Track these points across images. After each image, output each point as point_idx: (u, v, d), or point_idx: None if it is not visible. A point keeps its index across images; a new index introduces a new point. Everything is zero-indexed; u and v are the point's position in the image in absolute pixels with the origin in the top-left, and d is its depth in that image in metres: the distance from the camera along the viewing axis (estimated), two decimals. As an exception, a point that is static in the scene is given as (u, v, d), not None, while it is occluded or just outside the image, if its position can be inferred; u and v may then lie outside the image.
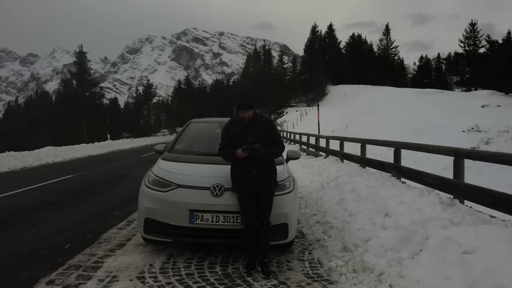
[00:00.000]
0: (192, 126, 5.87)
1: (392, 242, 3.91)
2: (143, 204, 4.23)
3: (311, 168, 10.26)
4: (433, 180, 5.12)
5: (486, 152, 4.32)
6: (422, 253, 3.42)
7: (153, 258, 4.15)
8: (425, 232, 3.73)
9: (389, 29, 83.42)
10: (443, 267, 3.06)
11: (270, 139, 3.97)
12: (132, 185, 9.26)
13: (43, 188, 9.31)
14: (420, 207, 4.47)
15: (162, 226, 4.07)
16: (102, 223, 5.73)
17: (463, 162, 4.63)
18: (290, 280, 3.67)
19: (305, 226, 5.63)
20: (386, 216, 4.64)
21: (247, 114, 3.88)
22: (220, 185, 4.02)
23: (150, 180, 4.34)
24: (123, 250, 4.45)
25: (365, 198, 5.65)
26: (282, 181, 4.20)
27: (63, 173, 11.87)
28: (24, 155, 15.82)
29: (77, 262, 4.04)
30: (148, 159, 17.24)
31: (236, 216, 3.97)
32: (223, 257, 4.25)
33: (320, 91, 72.24)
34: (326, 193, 6.99)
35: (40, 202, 7.53)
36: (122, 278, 3.63)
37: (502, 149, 30.65)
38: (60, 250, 4.46)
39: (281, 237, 4.16)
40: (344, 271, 3.80)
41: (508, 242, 3.06)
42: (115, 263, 4.02)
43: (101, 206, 7.07)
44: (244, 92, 4.08)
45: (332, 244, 4.61)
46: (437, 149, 5.18)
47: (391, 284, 3.18)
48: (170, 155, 4.87)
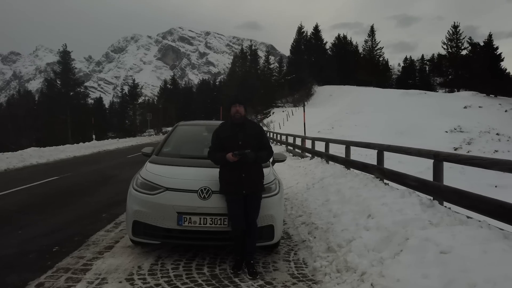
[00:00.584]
0: (179, 129, 5.94)
1: (374, 242, 4.06)
2: (131, 207, 4.29)
3: (297, 169, 10.41)
4: (414, 182, 5.30)
5: (463, 155, 4.50)
6: (402, 253, 3.57)
7: (142, 260, 4.22)
8: (406, 233, 3.88)
9: (374, 31, 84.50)
10: (421, 266, 3.21)
11: (260, 143, 4.11)
12: (119, 187, 9.27)
13: (28, 190, 9.25)
14: (401, 208, 4.63)
15: (151, 228, 4.14)
16: (89, 225, 5.75)
17: (442, 164, 4.81)
18: (276, 281, 3.78)
19: (291, 227, 5.75)
20: (369, 217, 4.79)
21: (238, 108, 4.05)
22: (208, 188, 4.11)
23: (138, 183, 4.41)
24: (112, 252, 4.50)
25: (349, 199, 5.80)
26: (268, 184, 4.31)
27: (48, 175, 11.78)
28: (7, 156, 15.62)
29: (65, 264, 4.08)
30: (135, 160, 17.19)
31: (223, 218, 4.06)
32: (211, 258, 4.34)
33: (306, 91, 72.75)
34: (312, 194, 7.13)
35: (26, 204, 7.50)
36: (111, 280, 3.69)
37: (483, 149, 31.36)
38: (48, 253, 4.49)
39: (267, 239, 4.27)
40: (328, 271, 3.93)
41: (482, 242, 3.22)
42: (103, 265, 4.07)
43: (88, 208, 7.07)
44: (236, 94, 4.26)
45: (317, 244, 4.74)
46: (418, 152, 5.36)
47: (372, 283, 3.31)
48: (158, 158, 4.93)
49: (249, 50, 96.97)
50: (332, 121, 46.66)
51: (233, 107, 4.09)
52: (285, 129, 48.69)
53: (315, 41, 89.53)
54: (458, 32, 72.12)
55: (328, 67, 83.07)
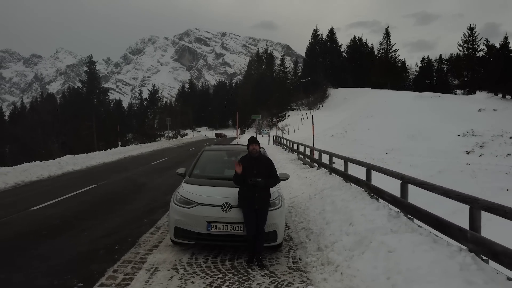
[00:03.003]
0: (205, 154, 7.54)
1: (350, 244, 5.56)
2: (173, 216, 5.89)
3: (304, 180, 11.91)
4: (389, 197, 6.77)
5: (418, 180, 5.91)
6: (366, 252, 5.07)
7: (181, 255, 5.81)
8: (371, 237, 5.39)
9: (389, 33, 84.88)
10: (374, 261, 4.71)
11: (269, 172, 5.70)
12: (151, 195, 10.96)
13: (75, 197, 10.94)
14: (374, 218, 6.12)
15: (187, 232, 5.74)
16: (136, 229, 7.39)
17: (407, 185, 6.27)
18: (277, 271, 5.32)
19: (293, 231, 7.29)
20: (350, 225, 6.29)
21: (255, 147, 5.72)
22: (228, 203, 5.69)
23: (177, 199, 6.00)
24: (158, 249, 6.12)
25: (339, 209, 7.30)
26: (272, 200, 5.87)
27: (87, 183, 13.52)
28: (48, 164, 17.49)
29: (128, 258, 5.71)
30: (159, 167, 18.95)
31: (240, 226, 5.63)
32: (231, 254, 5.90)
33: (321, 94, 73.88)
34: (312, 204, 8.64)
35: (78, 211, 9.17)
36: (162, 269, 5.29)
37: (496, 152, 31.91)
38: (113, 250, 6.13)
39: (272, 241, 5.82)
40: (315, 265, 5.46)
41: (416, 245, 4.71)
42: (154, 258, 5.69)
43: (130, 215, 8.72)
44: (254, 137, 5.88)
45: (310, 245, 6.27)
46: (391, 173, 6.82)
47: (342, 272, 4.83)
48: (191, 179, 6.53)
49: (265, 53, 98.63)
50: (346, 125, 47.79)
51: (250, 146, 5.71)
52: (299, 133, 50.06)
53: (330, 44, 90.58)
54: (474, 34, 72.12)
55: (343, 69, 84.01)
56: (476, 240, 4.16)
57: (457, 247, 4.44)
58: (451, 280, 3.70)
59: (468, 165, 27.09)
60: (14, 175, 14.46)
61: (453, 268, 3.89)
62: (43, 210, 9.21)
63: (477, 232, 4.25)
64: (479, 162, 28.16)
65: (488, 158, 30.10)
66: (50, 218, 8.30)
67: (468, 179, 24.11)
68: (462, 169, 26.72)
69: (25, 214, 8.82)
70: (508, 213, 3.73)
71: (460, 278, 3.68)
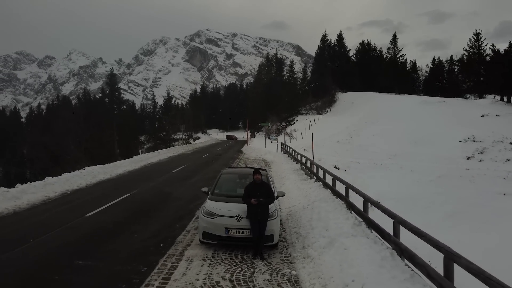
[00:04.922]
0: (222, 176, 10.15)
1: (324, 244, 8.09)
2: (201, 224, 8.50)
3: (302, 191, 14.45)
4: (357, 211, 9.28)
5: (375, 201, 8.43)
6: (332, 249, 7.60)
7: (207, 251, 8.40)
8: (337, 239, 7.91)
9: (396, 38, 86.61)
10: (335, 254, 7.24)
11: (268, 193, 8.27)
12: (177, 205, 13.58)
13: (116, 205, 13.55)
14: (342, 226, 8.64)
15: (211, 235, 8.34)
16: (172, 232, 10.00)
17: (367, 203, 8.77)
18: (273, 262, 7.88)
19: (287, 234, 9.83)
20: (326, 230, 8.81)
21: (259, 176, 8.34)
22: (240, 215, 8.27)
23: (205, 212, 8.60)
24: (191, 247, 8.72)
25: (322, 218, 9.82)
26: (271, 213, 8.42)
27: (122, 192, 16.14)
28: (84, 173, 20.27)
29: (171, 252, 8.32)
30: (179, 176, 21.61)
31: (248, 231, 8.20)
32: (241, 251, 8.47)
33: (330, 98, 75.80)
34: (305, 213, 11.18)
35: (123, 217, 11.77)
36: (195, 260, 7.88)
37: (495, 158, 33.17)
38: (159, 247, 8.73)
39: (270, 241, 8.39)
40: (299, 258, 8.00)
41: (362, 244, 7.21)
42: (189, 253, 8.29)
43: (164, 220, 11.31)
44: (257, 168, 8.44)
45: (298, 245, 8.81)
46: (359, 192, 9.32)
47: (314, 262, 7.37)
48: (213, 197, 9.12)
49: (275, 58, 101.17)
50: (351, 131, 49.82)
51: (255, 175, 8.29)
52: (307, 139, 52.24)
53: (339, 48, 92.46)
54: (480, 39, 73.26)
55: (352, 73, 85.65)
56: (394, 242, 6.66)
57: (386, 246, 6.94)
58: (373, 265, 6.21)
59: (468, 170, 28.44)
60: (59, 185, 17.21)
61: (376, 259, 6.41)
62: (96, 216, 11.83)
63: (397, 237, 6.76)
64: (478, 168, 29.42)
65: (487, 164, 31.38)
66: (104, 223, 10.93)
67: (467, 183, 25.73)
68: (461, 174, 28.22)
69: (83, 219, 11.42)
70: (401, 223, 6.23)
71: (378, 264, 6.20)
